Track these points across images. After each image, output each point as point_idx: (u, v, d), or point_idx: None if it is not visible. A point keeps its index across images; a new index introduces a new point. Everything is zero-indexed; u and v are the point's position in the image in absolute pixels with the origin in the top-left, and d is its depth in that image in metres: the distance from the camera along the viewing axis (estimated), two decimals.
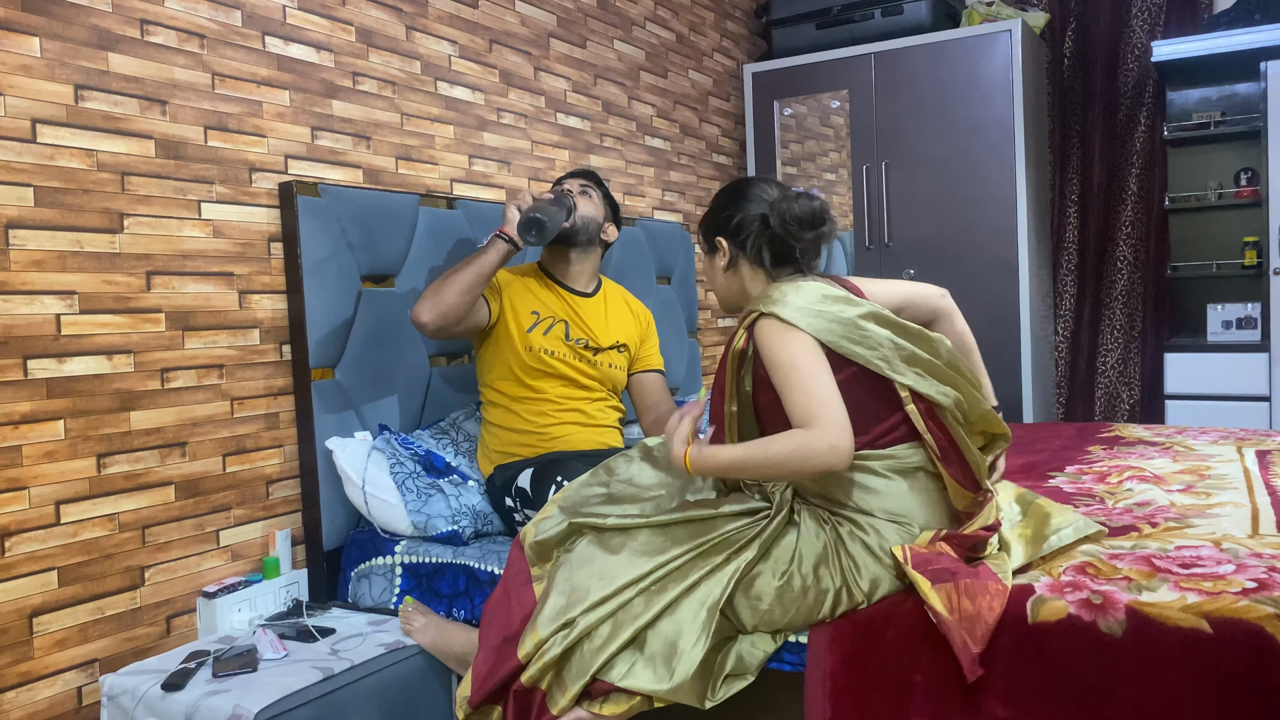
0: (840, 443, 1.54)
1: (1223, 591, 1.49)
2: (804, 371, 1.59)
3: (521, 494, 2.17)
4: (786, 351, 1.61)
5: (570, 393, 2.35)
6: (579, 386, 2.37)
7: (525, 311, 2.35)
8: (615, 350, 2.45)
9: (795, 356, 1.60)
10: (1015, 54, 3.73)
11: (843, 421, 1.56)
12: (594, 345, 2.40)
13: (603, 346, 2.42)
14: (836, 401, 1.58)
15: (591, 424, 2.37)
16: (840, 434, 1.55)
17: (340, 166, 2.46)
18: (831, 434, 1.54)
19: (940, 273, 3.86)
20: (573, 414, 2.35)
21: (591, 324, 2.42)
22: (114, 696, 1.84)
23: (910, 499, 1.65)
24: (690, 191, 3.97)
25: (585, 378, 2.38)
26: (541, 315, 2.36)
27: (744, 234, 1.78)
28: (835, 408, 1.57)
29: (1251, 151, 3.92)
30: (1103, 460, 2.49)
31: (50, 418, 1.88)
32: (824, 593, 1.63)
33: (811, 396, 1.57)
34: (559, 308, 2.40)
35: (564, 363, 2.34)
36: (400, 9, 2.64)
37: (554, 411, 2.33)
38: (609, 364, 2.43)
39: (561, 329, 2.36)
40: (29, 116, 1.85)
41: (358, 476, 2.20)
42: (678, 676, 1.58)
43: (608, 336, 2.44)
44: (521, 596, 1.77)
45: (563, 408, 2.34)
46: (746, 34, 4.47)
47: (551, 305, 2.39)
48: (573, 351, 2.36)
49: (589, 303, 2.46)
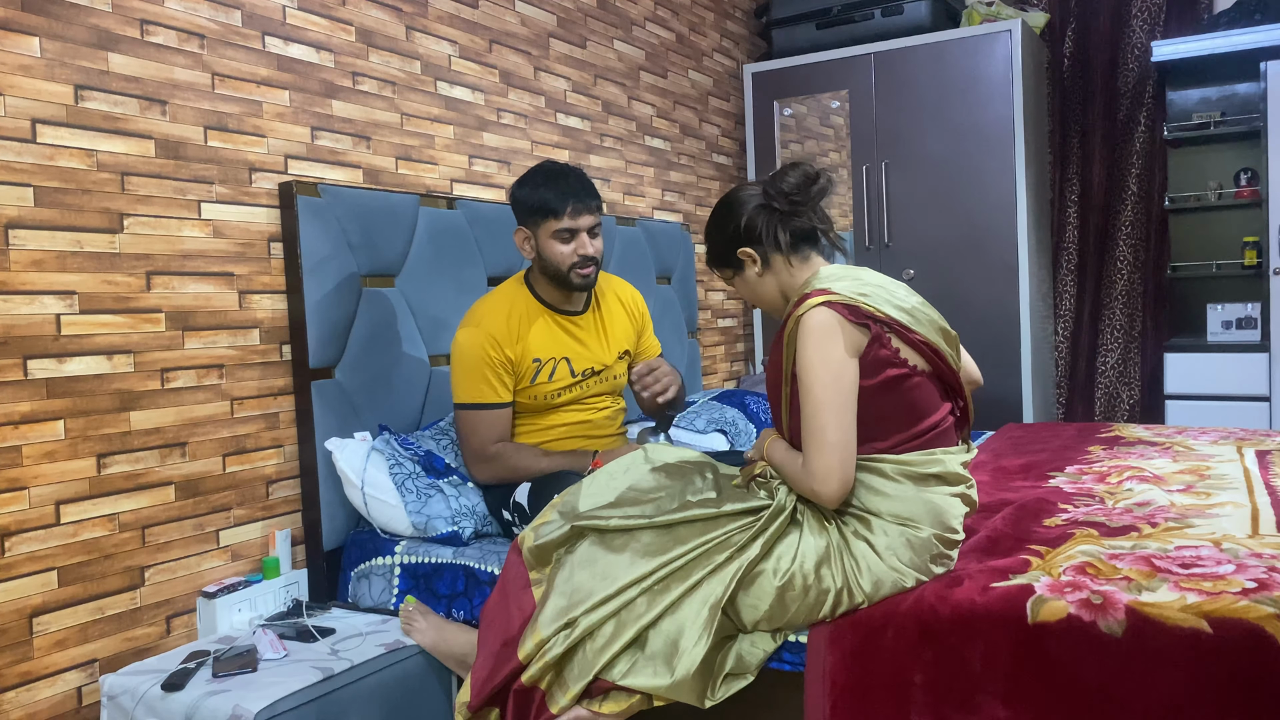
0: (825, 488, 1.61)
1: (1223, 591, 1.49)
2: (816, 400, 1.60)
3: (519, 509, 2.15)
4: (811, 366, 1.61)
5: (579, 415, 2.33)
6: (591, 409, 2.35)
7: (528, 360, 2.22)
8: (620, 360, 2.40)
9: (818, 375, 1.60)
10: (1015, 54, 3.73)
11: (830, 467, 1.59)
12: (599, 368, 2.33)
13: (608, 364, 2.35)
14: (835, 440, 1.59)
15: (597, 435, 2.36)
16: (825, 479, 1.60)
17: (340, 166, 2.46)
18: (818, 480, 1.61)
19: (940, 273, 3.86)
20: (580, 427, 2.34)
21: (592, 345, 2.33)
22: (114, 696, 1.84)
23: (918, 504, 1.65)
24: (690, 191, 3.97)
25: (593, 397, 2.35)
26: (544, 360, 2.24)
27: (757, 229, 1.76)
28: (829, 448, 1.59)
29: (1251, 151, 3.92)
30: (1103, 460, 2.49)
31: (50, 418, 1.88)
32: (825, 593, 1.63)
33: (812, 434, 1.61)
34: (557, 342, 2.26)
35: (572, 394, 2.30)
36: (400, 9, 2.64)
37: (561, 430, 2.31)
38: (614, 376, 2.39)
39: (565, 367, 2.26)
40: (29, 116, 1.85)
41: (357, 477, 2.20)
42: (679, 675, 1.58)
43: (610, 353, 2.36)
44: (520, 600, 1.77)
45: (570, 424, 2.33)
46: (746, 34, 4.47)
47: (551, 343, 2.25)
48: (580, 382, 2.31)
49: (586, 320, 2.33)
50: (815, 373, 1.60)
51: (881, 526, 1.65)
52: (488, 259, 2.76)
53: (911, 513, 1.65)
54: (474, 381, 2.19)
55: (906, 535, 1.64)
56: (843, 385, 1.60)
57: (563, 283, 2.21)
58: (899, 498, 1.65)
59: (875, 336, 1.64)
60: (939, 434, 1.71)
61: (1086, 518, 1.93)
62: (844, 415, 1.60)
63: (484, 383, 2.18)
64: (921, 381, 1.69)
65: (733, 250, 1.80)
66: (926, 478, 1.67)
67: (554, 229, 2.15)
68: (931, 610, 1.58)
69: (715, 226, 1.83)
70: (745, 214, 1.77)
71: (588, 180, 2.20)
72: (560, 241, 2.16)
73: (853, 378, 1.61)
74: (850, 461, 1.61)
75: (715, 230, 1.83)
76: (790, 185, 1.73)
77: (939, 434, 1.71)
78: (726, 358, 4.23)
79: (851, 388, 1.61)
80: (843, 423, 1.60)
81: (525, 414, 2.29)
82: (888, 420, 1.66)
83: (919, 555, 1.65)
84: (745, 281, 1.83)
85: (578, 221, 2.15)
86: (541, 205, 2.15)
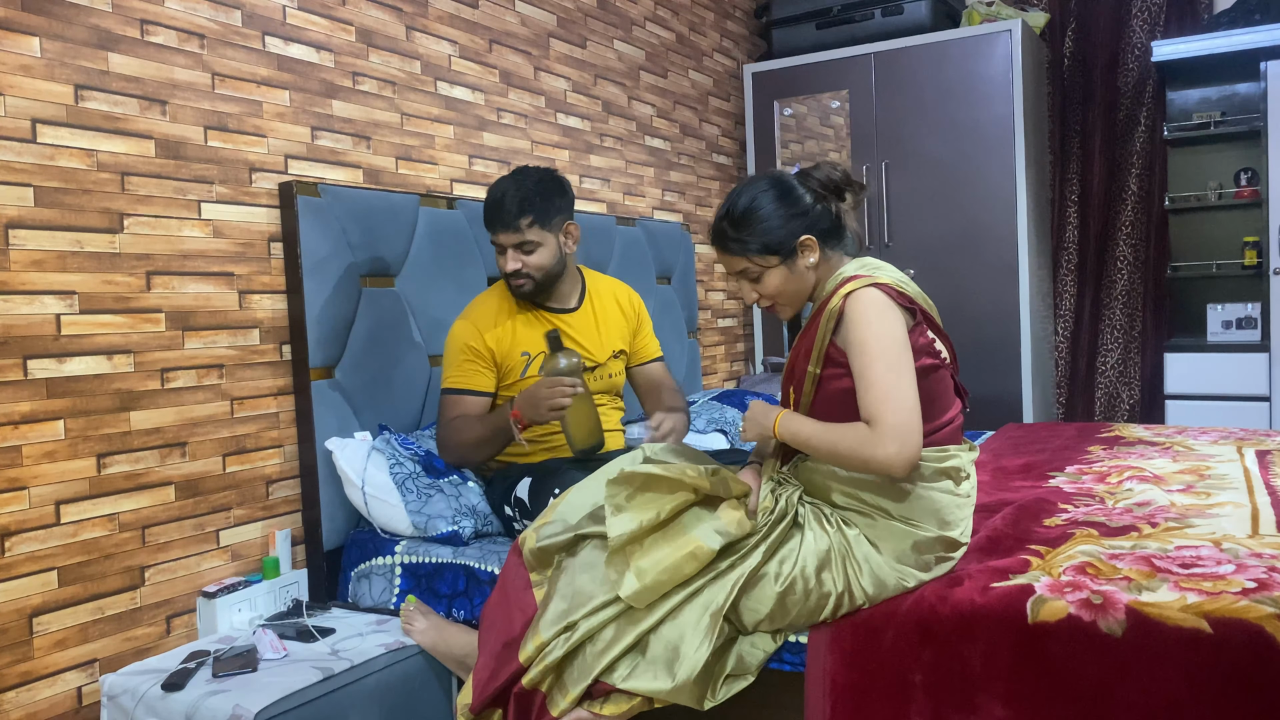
0: (903, 451, 1.54)
1: (1223, 591, 1.49)
2: (886, 362, 1.56)
3: (520, 504, 2.16)
4: (876, 335, 1.57)
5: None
6: None
7: (515, 354, 2.28)
8: (613, 358, 2.41)
9: (885, 344, 1.57)
10: (1015, 54, 3.73)
11: (911, 428, 1.55)
12: (589, 364, 2.35)
13: (600, 361, 2.37)
14: (910, 403, 1.55)
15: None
16: (904, 442, 1.54)
17: (340, 166, 2.46)
18: (895, 441, 1.54)
19: (940, 273, 3.86)
20: None
21: (585, 341, 2.35)
22: (114, 696, 1.84)
23: (924, 503, 1.65)
24: (690, 191, 3.97)
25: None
26: (532, 353, 2.29)
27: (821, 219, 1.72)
28: (907, 410, 1.55)
29: (1251, 151, 3.92)
30: (1103, 460, 2.49)
31: (50, 418, 1.88)
32: (825, 596, 1.63)
33: (887, 394, 1.55)
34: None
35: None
36: (400, 9, 2.64)
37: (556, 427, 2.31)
38: (608, 374, 2.40)
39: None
40: (29, 116, 1.85)
41: (357, 477, 2.20)
42: (679, 680, 1.58)
43: (603, 350, 2.39)
44: (521, 601, 1.76)
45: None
46: (746, 34, 4.47)
47: (538, 337, 2.29)
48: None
49: (577, 317, 2.37)
50: (882, 341, 1.57)
51: (887, 526, 1.65)
52: (488, 259, 2.76)
53: (917, 512, 1.65)
54: (452, 366, 2.30)
55: (913, 535, 1.64)
56: (906, 355, 1.59)
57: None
58: (908, 497, 1.65)
59: (917, 323, 1.65)
60: (954, 430, 1.72)
61: (1086, 518, 1.93)
62: (912, 384, 1.57)
63: (460, 369, 2.28)
64: (944, 375, 1.70)
65: (794, 237, 1.70)
66: (937, 474, 1.66)
67: (492, 242, 2.30)
68: (931, 610, 1.59)
69: (773, 211, 1.70)
70: (806, 202, 1.72)
71: (525, 197, 2.21)
72: (498, 253, 2.29)
73: (910, 352, 1.60)
74: (920, 430, 1.56)
75: (773, 215, 1.70)
76: (840, 178, 1.73)
77: (954, 430, 1.72)
78: (726, 358, 4.23)
79: (911, 361, 1.59)
80: (913, 390, 1.57)
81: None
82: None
83: (922, 555, 1.65)
84: (788, 271, 1.72)
85: (501, 239, 2.26)
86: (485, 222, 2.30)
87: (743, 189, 1.75)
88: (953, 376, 1.76)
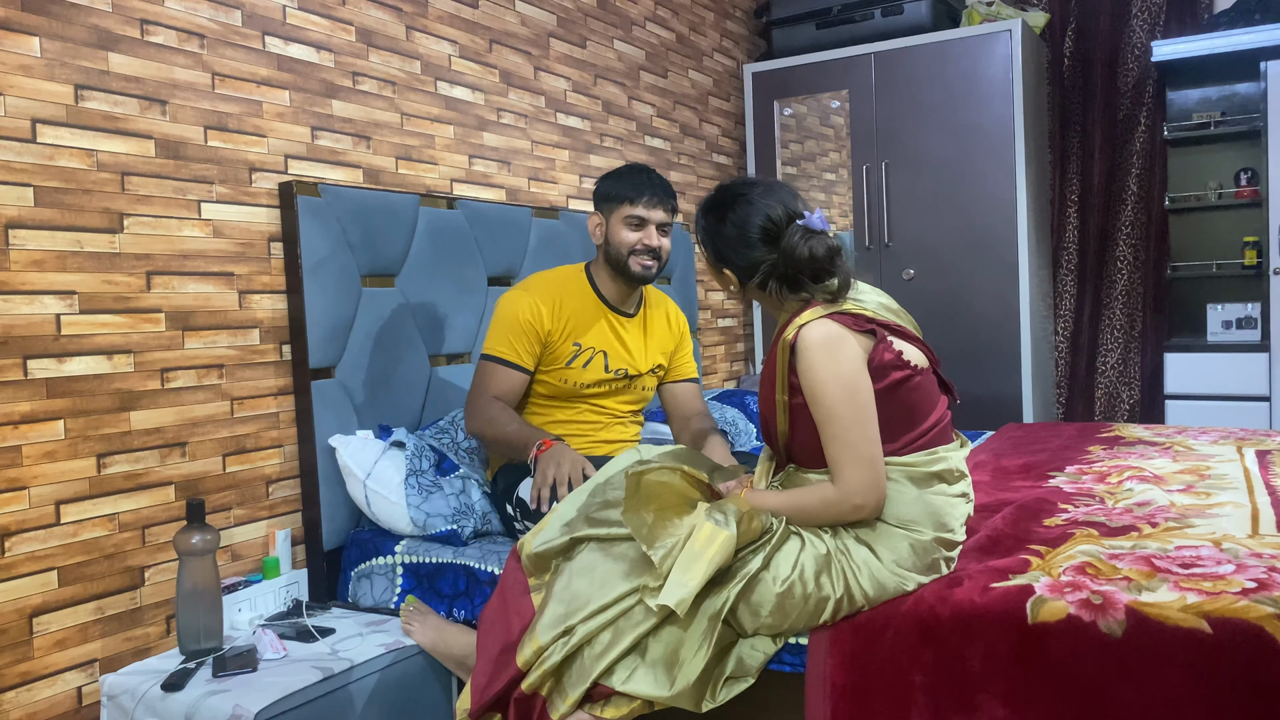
0: (868, 501, 1.60)
1: (1223, 591, 1.49)
2: (839, 413, 1.58)
3: (521, 504, 2.15)
4: (824, 381, 1.59)
5: (600, 418, 2.34)
6: (610, 415, 2.35)
7: (568, 343, 2.26)
8: (652, 373, 2.40)
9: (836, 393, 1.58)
10: (1015, 54, 3.73)
11: (872, 479, 1.59)
12: (633, 373, 2.34)
13: (641, 372, 2.36)
14: (868, 453, 1.58)
15: (610, 441, 2.35)
16: (867, 493, 1.59)
17: (340, 166, 2.46)
18: (859, 494, 1.60)
19: (940, 273, 3.86)
20: (592, 427, 2.33)
21: (632, 349, 2.34)
22: (114, 696, 1.84)
23: (920, 506, 1.65)
24: (690, 191, 3.97)
25: (618, 404, 2.36)
26: (584, 347, 2.27)
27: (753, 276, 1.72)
28: (866, 462, 1.58)
29: (1251, 151, 3.92)
30: (1103, 460, 2.49)
31: (50, 418, 1.88)
32: (824, 600, 1.63)
33: (842, 450, 1.59)
34: (602, 335, 2.30)
35: (600, 394, 2.32)
36: (400, 9, 2.64)
37: (574, 428, 2.31)
38: (642, 386, 2.40)
39: (601, 360, 2.28)
40: (29, 116, 1.85)
41: (362, 471, 2.19)
42: (679, 684, 1.58)
43: (646, 361, 2.38)
44: (520, 606, 1.76)
45: (587, 422, 2.32)
46: (746, 34, 4.47)
47: (595, 334, 2.29)
48: (610, 383, 2.31)
49: (632, 324, 2.36)
50: (832, 391, 1.59)
51: (884, 530, 1.65)
52: (488, 259, 2.76)
53: (914, 515, 1.65)
54: (502, 335, 2.24)
55: (909, 539, 1.64)
56: (860, 398, 1.60)
57: (621, 270, 2.26)
58: (902, 500, 1.65)
59: (879, 341, 1.64)
60: (940, 430, 1.72)
61: (1086, 518, 1.93)
62: (869, 428, 1.60)
63: (508, 341, 2.23)
64: (922, 380, 1.70)
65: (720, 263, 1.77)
66: (929, 477, 1.67)
67: (625, 214, 2.23)
68: (931, 611, 1.59)
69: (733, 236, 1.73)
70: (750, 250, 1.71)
71: (670, 187, 2.28)
72: (629, 228, 2.23)
73: (867, 387, 1.61)
74: (883, 470, 1.61)
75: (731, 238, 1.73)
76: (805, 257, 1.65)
77: (940, 430, 1.72)
78: (726, 358, 4.23)
79: (869, 398, 1.61)
80: (870, 435, 1.60)
81: (548, 399, 2.30)
82: (896, 422, 1.66)
83: (921, 558, 1.65)
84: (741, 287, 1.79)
85: (650, 213, 2.23)
86: (619, 192, 2.25)
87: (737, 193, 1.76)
88: (936, 373, 1.76)
